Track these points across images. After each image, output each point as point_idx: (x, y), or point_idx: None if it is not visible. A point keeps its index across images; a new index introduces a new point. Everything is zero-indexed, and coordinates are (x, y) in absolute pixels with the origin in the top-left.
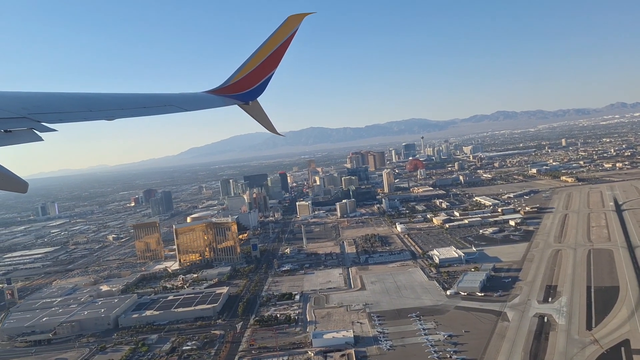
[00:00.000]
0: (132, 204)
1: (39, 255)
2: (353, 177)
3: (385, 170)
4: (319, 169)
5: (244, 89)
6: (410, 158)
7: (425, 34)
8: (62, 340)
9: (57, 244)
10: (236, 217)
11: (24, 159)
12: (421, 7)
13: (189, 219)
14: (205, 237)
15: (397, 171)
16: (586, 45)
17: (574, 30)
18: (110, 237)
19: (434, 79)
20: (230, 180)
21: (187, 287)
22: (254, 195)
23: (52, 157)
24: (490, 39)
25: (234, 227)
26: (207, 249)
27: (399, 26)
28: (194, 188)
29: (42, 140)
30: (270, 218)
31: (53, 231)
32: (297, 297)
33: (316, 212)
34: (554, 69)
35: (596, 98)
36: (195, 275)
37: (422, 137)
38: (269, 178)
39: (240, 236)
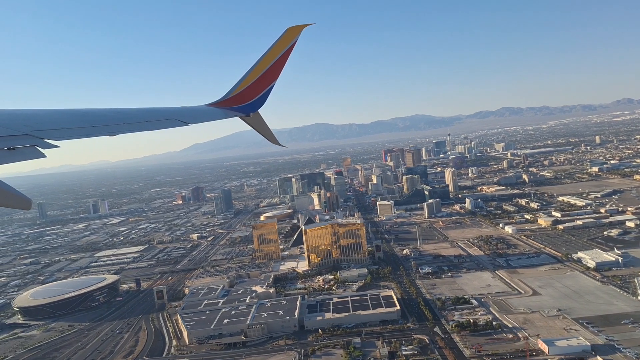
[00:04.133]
0: (180, 202)
1: (134, 255)
2: (415, 176)
3: (448, 169)
4: (358, 166)
5: (245, 101)
6: (442, 155)
7: (430, 29)
8: (255, 343)
9: (139, 243)
10: (327, 217)
11: None
12: (425, 3)
13: (262, 218)
14: (332, 238)
15: (439, 169)
16: (591, 40)
17: (579, 26)
18: (194, 236)
19: (437, 74)
20: (293, 179)
21: (335, 288)
22: (328, 195)
23: (52, 153)
24: (494, 35)
25: (363, 229)
26: (334, 249)
27: (403, 22)
28: (229, 186)
29: (45, 157)
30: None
31: (120, 229)
32: (474, 301)
33: (397, 212)
34: (559, 64)
35: (602, 94)
36: (331, 276)
37: (449, 135)
38: (331, 177)
39: None
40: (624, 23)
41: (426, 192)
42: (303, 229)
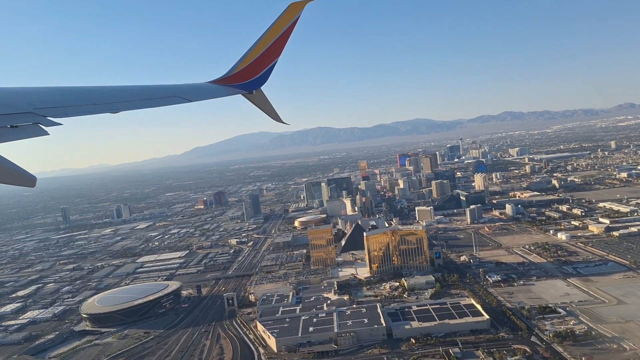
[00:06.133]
0: (201, 206)
1: (179, 260)
2: (444, 181)
3: (480, 174)
4: (376, 171)
5: (247, 78)
6: (456, 159)
7: (432, 34)
8: (347, 352)
9: (178, 249)
10: (372, 223)
11: (25, 159)
12: (426, 7)
13: (297, 223)
14: (393, 244)
15: (459, 174)
16: (592, 45)
17: (580, 30)
18: (233, 242)
19: (438, 78)
20: (322, 184)
21: (406, 296)
22: (364, 200)
23: (53, 157)
24: (496, 39)
25: (424, 235)
26: (395, 256)
27: (405, 26)
28: (246, 190)
29: (48, 134)
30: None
31: (151, 234)
32: (561, 310)
33: (437, 218)
34: (560, 69)
35: (603, 98)
36: (397, 283)
37: (461, 139)
38: (361, 182)
39: None
40: (626, 28)
41: (462, 198)
42: (365, 235)
